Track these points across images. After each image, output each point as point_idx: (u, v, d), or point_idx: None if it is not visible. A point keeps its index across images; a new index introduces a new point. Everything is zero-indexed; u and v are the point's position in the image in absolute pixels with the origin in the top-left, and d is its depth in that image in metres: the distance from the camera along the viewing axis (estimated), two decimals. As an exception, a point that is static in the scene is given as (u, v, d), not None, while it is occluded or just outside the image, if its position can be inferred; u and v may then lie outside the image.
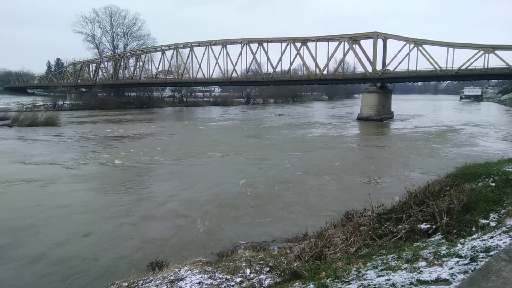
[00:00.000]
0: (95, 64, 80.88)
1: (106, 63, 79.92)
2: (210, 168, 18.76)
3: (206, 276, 5.41)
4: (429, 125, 42.04)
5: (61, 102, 67.85)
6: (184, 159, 21.10)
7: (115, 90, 79.89)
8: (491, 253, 3.39)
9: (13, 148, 24.56)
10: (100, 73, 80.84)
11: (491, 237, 3.93)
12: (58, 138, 30.08)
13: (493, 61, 41.55)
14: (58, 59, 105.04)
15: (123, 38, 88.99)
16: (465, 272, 3.08)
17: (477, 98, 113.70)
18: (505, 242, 3.53)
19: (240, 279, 5.24)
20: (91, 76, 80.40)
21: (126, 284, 5.68)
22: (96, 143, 27.65)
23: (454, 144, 27.17)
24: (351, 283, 3.39)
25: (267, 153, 23.02)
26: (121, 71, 77.29)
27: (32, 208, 12.14)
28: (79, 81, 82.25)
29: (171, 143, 27.95)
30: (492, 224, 4.63)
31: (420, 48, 44.93)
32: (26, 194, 13.87)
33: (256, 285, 4.75)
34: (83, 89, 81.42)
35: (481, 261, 3.24)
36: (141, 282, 5.64)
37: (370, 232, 5.62)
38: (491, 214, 4.92)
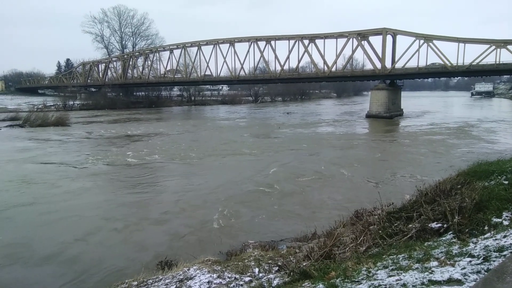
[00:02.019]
0: (104, 64, 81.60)
1: (115, 63, 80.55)
2: (223, 168, 18.79)
3: (215, 275, 5.41)
4: (439, 122, 41.52)
5: (71, 102, 68.53)
6: (196, 158, 21.16)
7: (124, 89, 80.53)
8: (505, 252, 3.33)
9: (25, 148, 24.91)
10: (109, 73, 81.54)
11: (505, 236, 3.85)
12: (68, 138, 30.42)
13: (505, 56, 40.88)
14: (68, 60, 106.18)
15: (131, 38, 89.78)
16: (478, 272, 3.02)
17: (489, 94, 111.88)
18: (519, 242, 3.46)
19: (249, 278, 5.23)
20: (101, 76, 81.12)
21: (136, 283, 5.71)
22: (107, 143, 27.90)
23: (465, 141, 26.79)
24: (361, 283, 3.36)
25: (278, 152, 22.97)
26: (129, 71, 77.83)
27: (44, 208, 12.29)
28: (88, 81, 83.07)
29: (182, 142, 28.06)
30: (505, 223, 4.54)
31: (430, 44, 44.32)
32: (38, 194, 14.05)
33: (265, 284, 4.74)
34: (93, 89, 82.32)
35: (494, 261, 3.18)
36: (151, 281, 5.67)
37: (380, 231, 5.57)
38: (504, 213, 4.82)
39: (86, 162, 19.97)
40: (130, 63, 76.62)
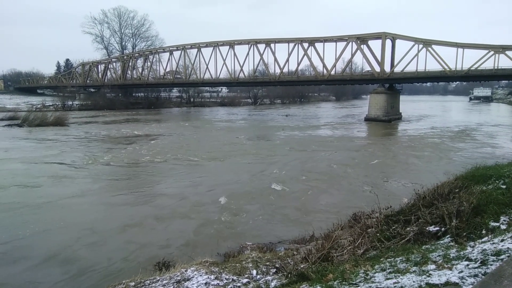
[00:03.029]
0: (103, 65, 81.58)
1: (114, 63, 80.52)
2: (223, 169, 18.79)
3: (212, 277, 5.41)
4: (437, 126, 41.64)
5: (70, 102, 68.41)
6: (195, 160, 21.14)
7: (123, 90, 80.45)
8: (502, 256, 3.34)
9: (23, 148, 24.85)
10: (108, 73, 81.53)
11: (502, 240, 3.86)
12: (66, 138, 30.36)
13: (504, 62, 41.07)
14: (67, 60, 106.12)
15: (131, 39, 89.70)
16: (476, 275, 3.03)
17: (487, 99, 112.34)
18: (516, 246, 3.47)
19: (246, 280, 5.23)
20: (100, 76, 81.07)
21: (133, 283, 5.69)
22: (105, 143, 27.86)
23: (463, 145, 26.86)
24: (359, 286, 3.36)
25: (275, 154, 22.98)
26: (129, 72, 77.85)
27: (42, 208, 12.26)
28: (88, 81, 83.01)
29: (181, 143, 28.05)
30: (503, 227, 4.55)
31: (429, 48, 44.50)
32: (36, 194, 14.01)
33: (263, 286, 4.74)
34: (92, 90, 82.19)
35: (491, 265, 3.19)
36: (148, 282, 5.65)
37: (378, 234, 5.57)
38: (501, 217, 4.83)
39: (83, 162, 19.93)
40: (130, 64, 76.64)
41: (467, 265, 3.30)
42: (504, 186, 5.83)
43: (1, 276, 7.72)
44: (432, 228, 5.16)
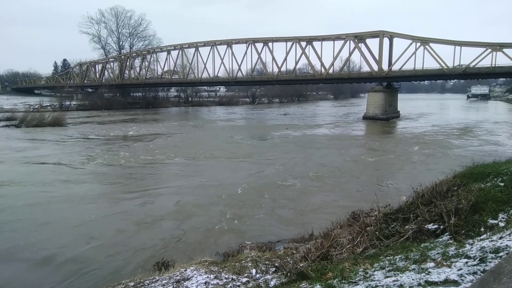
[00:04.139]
0: (101, 65, 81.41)
1: (112, 63, 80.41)
2: (222, 169, 18.78)
3: (212, 276, 5.41)
4: (435, 124, 41.72)
5: (68, 103, 68.23)
6: (194, 159, 21.13)
7: (121, 90, 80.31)
8: (501, 253, 3.35)
9: (21, 149, 24.78)
10: (106, 73, 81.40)
11: (500, 238, 3.88)
12: (64, 138, 30.29)
13: (501, 60, 41.19)
14: (64, 60, 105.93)
15: (128, 39, 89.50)
16: (474, 273, 3.04)
17: (485, 97, 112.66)
18: (515, 243, 3.48)
19: (246, 279, 5.23)
20: (97, 76, 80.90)
21: (132, 283, 5.69)
22: (103, 143, 27.80)
23: (461, 142, 26.93)
24: (358, 284, 3.37)
25: (274, 154, 22.99)
26: (127, 72, 77.67)
27: (41, 209, 12.23)
28: (85, 81, 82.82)
29: (180, 143, 28.02)
30: (501, 224, 4.57)
31: (427, 46, 44.57)
32: (35, 195, 13.98)
33: (262, 285, 4.74)
34: (89, 90, 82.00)
35: (490, 262, 3.20)
36: (148, 281, 5.65)
37: (377, 233, 5.58)
38: (500, 214, 4.85)
39: (81, 163, 19.89)
40: (127, 63, 76.46)
41: (466, 262, 3.31)
42: (502, 184, 5.85)
43: (1, 277, 7.70)
44: (431, 226, 5.17)
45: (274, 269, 5.57)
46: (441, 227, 5.08)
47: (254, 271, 5.58)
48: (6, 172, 17.65)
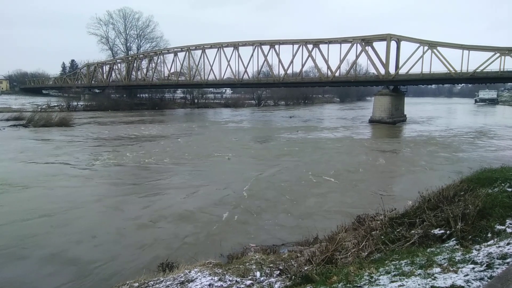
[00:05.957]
0: (108, 66, 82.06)
1: (119, 64, 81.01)
2: (229, 171, 18.79)
3: (216, 278, 5.40)
4: (442, 129, 41.41)
5: (75, 103, 68.82)
6: (200, 161, 21.17)
7: (127, 91, 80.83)
8: (508, 260, 3.31)
9: (28, 148, 25.01)
10: (113, 74, 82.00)
11: (508, 244, 3.83)
12: (71, 139, 30.50)
13: (510, 64, 40.98)
14: (72, 61, 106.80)
15: (136, 40, 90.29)
16: (481, 279, 3.01)
17: (492, 102, 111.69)
18: (522, 249, 3.44)
19: (250, 282, 5.22)
20: (105, 77, 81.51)
21: (136, 284, 5.71)
22: (109, 144, 27.95)
23: (468, 147, 26.68)
24: (363, 288, 3.34)
25: (282, 155, 22.97)
26: (134, 73, 78.25)
27: (46, 209, 12.31)
28: (92, 82, 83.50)
29: (186, 144, 28.10)
30: (509, 230, 4.52)
31: (434, 50, 44.32)
32: (42, 195, 14.09)
33: (266, 288, 4.73)
34: (97, 90, 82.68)
35: (497, 268, 3.16)
36: (152, 282, 5.66)
37: (382, 237, 5.54)
38: (507, 220, 4.80)
39: (88, 163, 20.00)
40: (134, 65, 77.00)
41: (473, 268, 3.27)
42: (510, 189, 5.79)
43: (4, 276, 7.75)
44: (437, 231, 5.13)
45: (278, 272, 5.55)
46: (448, 232, 5.03)
47: (258, 273, 5.57)
48: (10, 173, 17.82)
